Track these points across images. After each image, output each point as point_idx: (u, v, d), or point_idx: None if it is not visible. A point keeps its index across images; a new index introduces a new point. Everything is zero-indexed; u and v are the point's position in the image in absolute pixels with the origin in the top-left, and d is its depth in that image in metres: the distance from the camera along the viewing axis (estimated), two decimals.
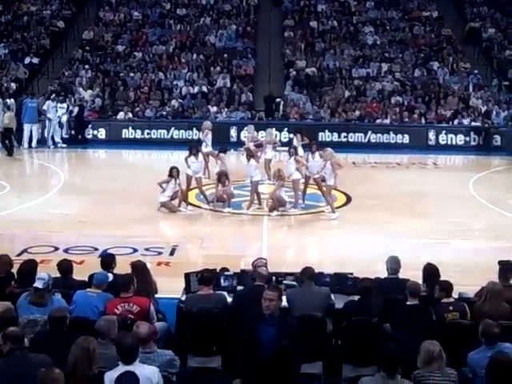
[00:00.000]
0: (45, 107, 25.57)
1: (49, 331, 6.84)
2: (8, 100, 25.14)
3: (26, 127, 24.82)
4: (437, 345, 6.37)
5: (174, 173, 15.98)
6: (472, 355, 6.72)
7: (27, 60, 30.10)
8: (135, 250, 12.88)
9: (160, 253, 12.97)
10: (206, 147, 19.24)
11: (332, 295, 8.47)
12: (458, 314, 7.74)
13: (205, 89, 28.68)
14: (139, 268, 8.64)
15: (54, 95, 26.16)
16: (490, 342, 6.67)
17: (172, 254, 13.04)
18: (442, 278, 8.31)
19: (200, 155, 16.96)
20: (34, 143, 24.99)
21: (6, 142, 23.65)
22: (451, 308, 7.78)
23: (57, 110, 25.40)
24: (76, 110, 25.97)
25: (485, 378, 6.24)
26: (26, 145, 24.81)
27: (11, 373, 6.08)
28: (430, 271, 8.50)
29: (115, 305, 7.65)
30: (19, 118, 24.56)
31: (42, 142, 25.23)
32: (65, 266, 8.79)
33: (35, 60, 30.26)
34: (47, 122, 25.40)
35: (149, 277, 8.67)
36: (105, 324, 6.73)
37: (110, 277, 8.51)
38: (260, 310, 6.72)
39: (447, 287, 7.96)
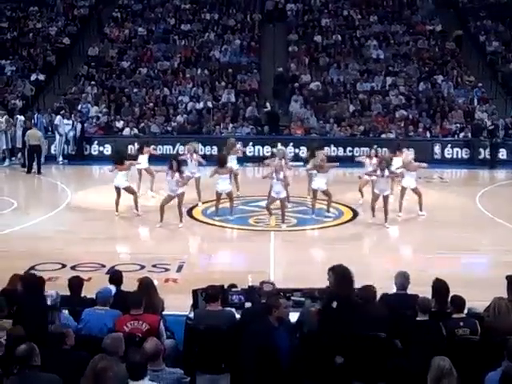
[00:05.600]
0: (57, 122, 25.59)
1: (49, 349, 6.78)
2: (18, 116, 25.10)
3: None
4: (447, 361, 6.28)
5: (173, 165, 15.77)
6: (491, 376, 6.47)
7: (33, 77, 30.16)
8: (142, 267, 12.86)
9: (167, 269, 12.94)
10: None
11: None
12: (469, 331, 7.67)
13: (210, 104, 28.73)
14: (146, 285, 8.61)
15: (63, 111, 26.27)
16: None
17: (179, 270, 13.02)
18: (451, 293, 8.26)
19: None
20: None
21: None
22: (462, 324, 7.72)
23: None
24: (79, 126, 25.98)
25: None
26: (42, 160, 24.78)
27: None
28: (439, 287, 8.45)
29: (125, 322, 7.63)
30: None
31: (49, 157, 25.22)
32: (76, 283, 8.80)
33: (41, 77, 30.32)
34: (58, 136, 25.45)
35: (155, 294, 8.64)
36: (111, 342, 6.71)
37: (113, 290, 8.49)
38: (268, 321, 7.25)
39: (458, 302, 7.91)
